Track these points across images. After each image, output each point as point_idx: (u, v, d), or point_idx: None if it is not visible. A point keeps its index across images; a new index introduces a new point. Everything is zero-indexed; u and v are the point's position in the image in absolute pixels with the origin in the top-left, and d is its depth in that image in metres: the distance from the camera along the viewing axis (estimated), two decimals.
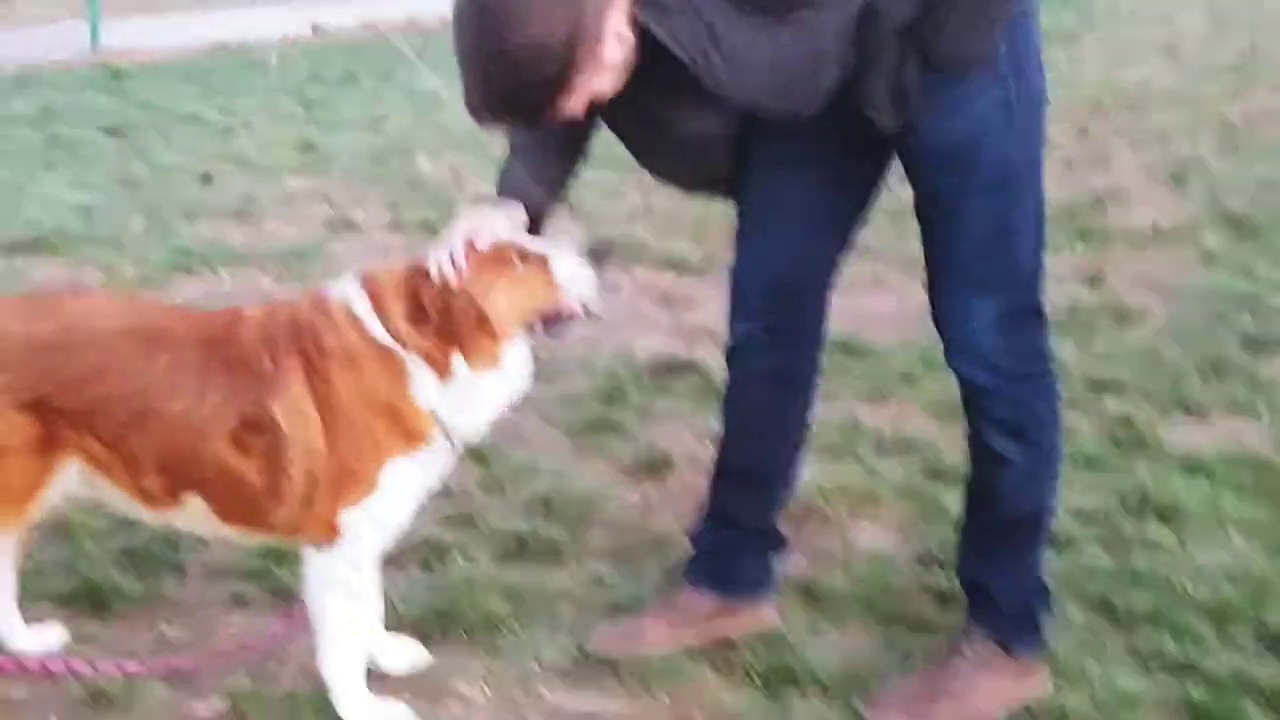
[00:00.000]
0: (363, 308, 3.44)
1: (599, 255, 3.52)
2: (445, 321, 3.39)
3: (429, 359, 3.42)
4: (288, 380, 3.41)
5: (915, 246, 3.66)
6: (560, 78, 3.19)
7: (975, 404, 3.70)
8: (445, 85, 10.76)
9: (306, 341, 3.43)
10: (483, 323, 3.41)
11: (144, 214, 8.00)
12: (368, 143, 9.93)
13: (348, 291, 3.48)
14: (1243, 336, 6.39)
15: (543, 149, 3.63)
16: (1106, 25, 15.07)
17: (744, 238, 3.84)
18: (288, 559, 4.12)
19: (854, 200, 3.79)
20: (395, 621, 3.94)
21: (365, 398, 3.43)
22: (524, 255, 3.46)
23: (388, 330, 3.42)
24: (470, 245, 3.42)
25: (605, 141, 3.73)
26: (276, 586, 4.20)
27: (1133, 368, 6.01)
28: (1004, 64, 3.40)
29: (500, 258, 3.44)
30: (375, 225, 8.08)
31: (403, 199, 8.54)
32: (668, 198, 8.13)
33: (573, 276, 3.48)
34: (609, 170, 8.42)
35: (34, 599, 4.02)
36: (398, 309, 3.42)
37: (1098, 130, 10.43)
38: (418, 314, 3.40)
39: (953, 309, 3.62)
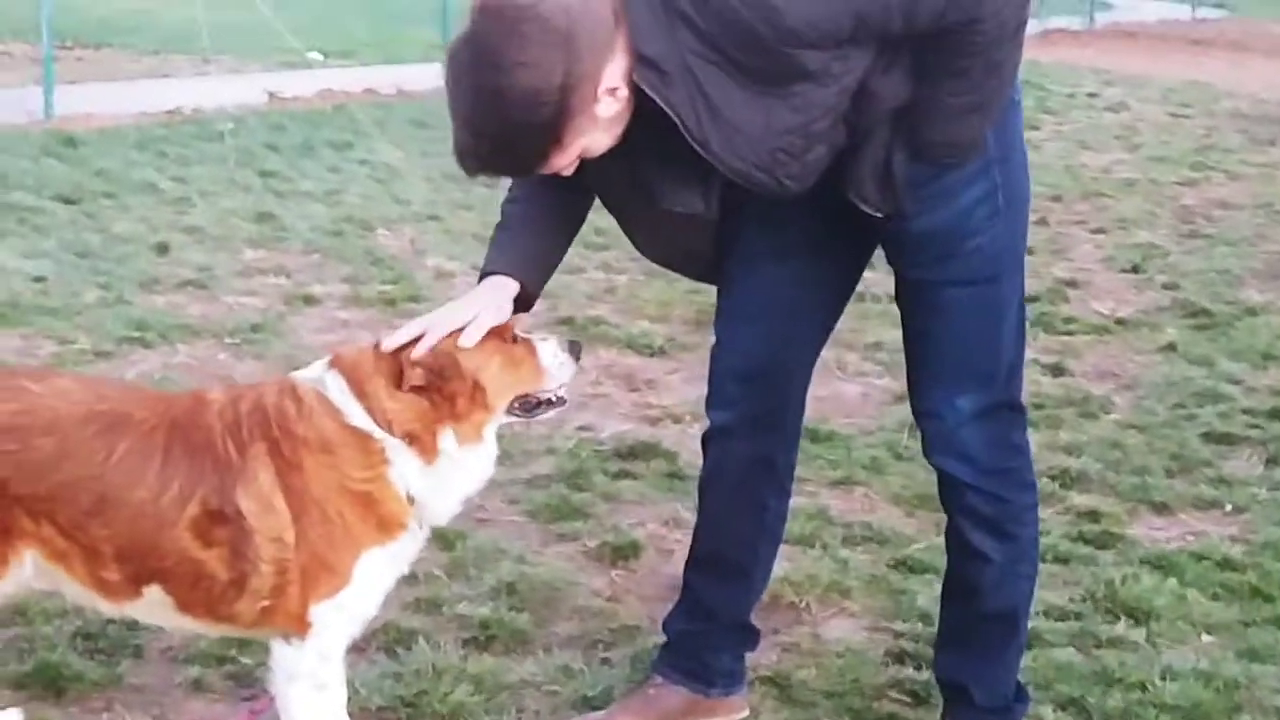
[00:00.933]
0: (338, 392, 3.38)
1: (575, 348, 3.59)
2: (438, 387, 3.34)
3: (412, 439, 3.36)
4: (254, 469, 3.33)
5: (879, 333, 3.65)
6: (552, 125, 3.12)
7: (954, 498, 3.67)
8: (404, 157, 10.74)
9: (274, 428, 3.36)
10: (477, 393, 3.38)
11: (98, 284, 7.90)
12: (326, 214, 9.85)
13: (321, 376, 3.42)
14: (1206, 431, 6.40)
15: (536, 222, 3.60)
16: (1064, 112, 15.19)
17: (724, 323, 3.80)
18: (251, 644, 4.03)
19: (836, 289, 3.77)
20: (360, 710, 3.86)
21: (340, 487, 3.35)
22: (514, 336, 3.49)
23: (371, 413, 3.36)
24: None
25: None
26: (238, 671, 4.11)
27: (1098, 461, 6.00)
28: (992, 154, 3.39)
29: (497, 333, 3.44)
30: (334, 299, 8.01)
31: (361, 272, 8.48)
32: (630, 278, 8.14)
33: (558, 363, 3.52)
34: (572, 248, 8.41)
35: None
36: (381, 387, 3.37)
37: (1058, 218, 10.49)
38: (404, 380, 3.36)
39: (933, 402, 3.60)
